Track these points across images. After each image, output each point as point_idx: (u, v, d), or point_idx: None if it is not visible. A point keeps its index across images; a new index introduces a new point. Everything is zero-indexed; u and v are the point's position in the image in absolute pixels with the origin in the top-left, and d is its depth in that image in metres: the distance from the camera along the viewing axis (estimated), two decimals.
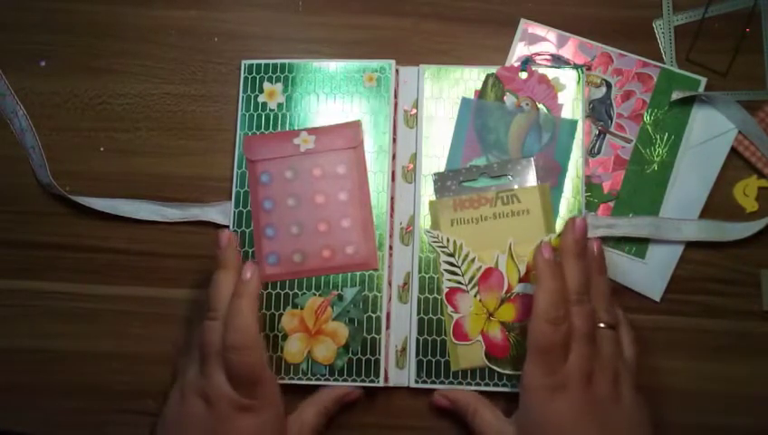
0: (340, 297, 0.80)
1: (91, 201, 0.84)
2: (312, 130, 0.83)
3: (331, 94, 0.84)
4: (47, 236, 0.86)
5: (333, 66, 0.84)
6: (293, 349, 0.79)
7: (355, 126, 0.83)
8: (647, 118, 0.83)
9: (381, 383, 0.78)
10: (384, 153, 0.82)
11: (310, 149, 0.82)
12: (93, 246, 0.85)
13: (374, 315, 0.79)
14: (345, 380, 0.79)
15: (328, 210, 0.81)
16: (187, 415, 0.73)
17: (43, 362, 0.84)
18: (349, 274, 0.80)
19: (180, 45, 0.88)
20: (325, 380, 0.79)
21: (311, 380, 0.79)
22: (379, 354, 0.78)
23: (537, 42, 0.85)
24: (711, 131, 0.83)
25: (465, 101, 0.83)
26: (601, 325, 0.72)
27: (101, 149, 0.86)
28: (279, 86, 0.84)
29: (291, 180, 0.82)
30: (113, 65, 0.88)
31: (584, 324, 0.70)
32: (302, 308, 0.80)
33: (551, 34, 0.85)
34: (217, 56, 0.87)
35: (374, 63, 0.84)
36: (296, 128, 0.83)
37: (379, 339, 0.79)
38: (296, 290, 0.80)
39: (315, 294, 0.80)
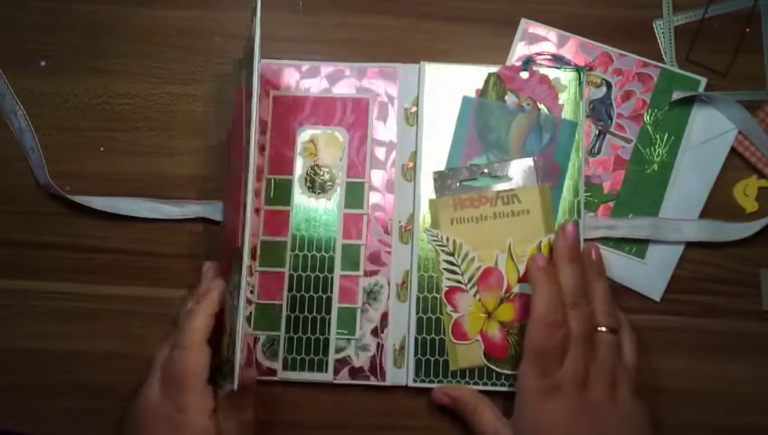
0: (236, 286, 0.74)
1: (90, 200, 0.85)
2: None
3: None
4: (47, 236, 0.86)
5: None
6: (222, 344, 0.75)
7: (240, 91, 0.81)
8: (647, 118, 0.85)
9: (235, 386, 0.69)
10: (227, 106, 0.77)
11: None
12: (93, 246, 0.86)
13: (235, 304, 0.71)
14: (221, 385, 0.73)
15: (231, 192, 0.81)
16: (125, 426, 0.75)
17: (43, 362, 0.84)
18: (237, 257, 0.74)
19: (180, 45, 0.88)
20: (228, 383, 0.71)
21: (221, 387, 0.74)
22: (232, 354, 0.71)
23: (537, 41, 0.87)
24: (711, 131, 0.84)
25: (466, 99, 0.85)
26: (602, 329, 0.73)
27: (101, 149, 0.87)
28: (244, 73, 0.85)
29: (235, 166, 0.81)
30: (113, 65, 0.88)
31: (580, 327, 0.72)
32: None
33: (551, 34, 0.87)
34: (217, 56, 0.88)
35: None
36: None
37: (233, 335, 0.71)
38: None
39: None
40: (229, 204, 0.82)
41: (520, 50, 0.87)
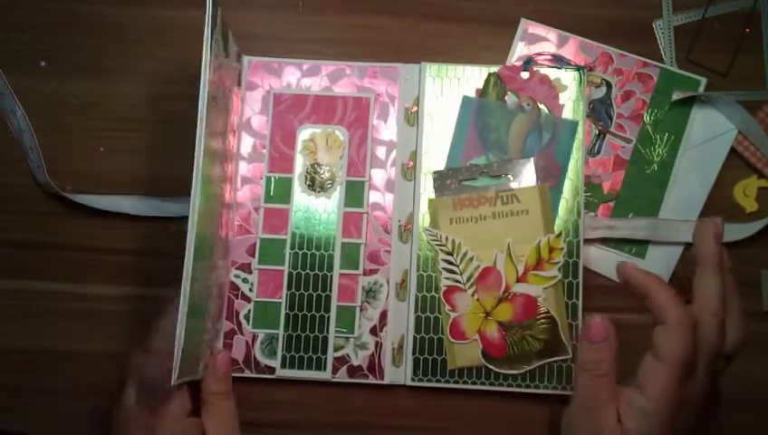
0: None
1: (90, 199, 0.86)
2: None
3: None
4: (47, 236, 0.88)
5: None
6: None
7: None
8: (647, 118, 0.86)
9: (172, 382, 0.68)
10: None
11: None
12: (93, 246, 0.87)
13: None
14: None
15: None
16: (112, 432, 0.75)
17: (43, 362, 0.86)
18: None
19: (180, 45, 0.90)
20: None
21: None
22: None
23: (537, 42, 0.88)
24: (711, 131, 0.86)
25: (466, 99, 0.86)
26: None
27: (101, 149, 0.89)
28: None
29: None
30: (113, 65, 0.90)
31: (717, 343, 0.68)
32: None
33: (551, 34, 0.88)
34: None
35: None
36: None
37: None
38: None
39: None
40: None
41: (520, 50, 0.89)
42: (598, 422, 0.68)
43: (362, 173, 0.86)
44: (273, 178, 0.86)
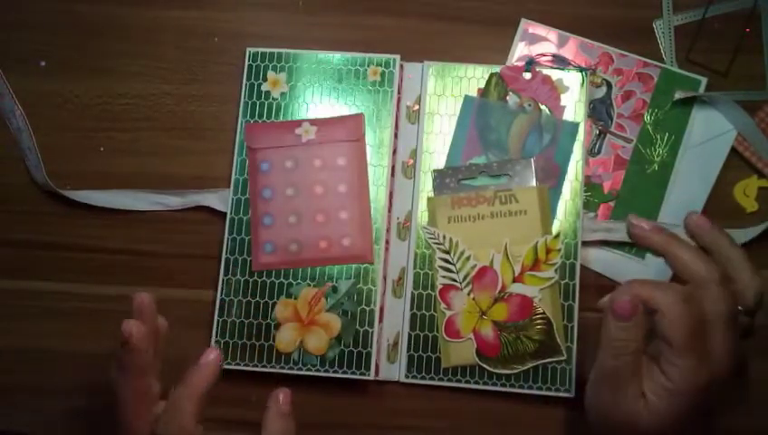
0: (335, 289, 0.86)
1: (89, 195, 0.89)
2: (314, 121, 0.89)
3: (335, 86, 0.90)
4: (46, 236, 0.91)
5: (338, 58, 0.90)
6: (285, 338, 0.85)
7: (357, 119, 0.89)
8: (647, 118, 0.89)
9: (372, 376, 0.84)
10: (384, 148, 0.88)
11: (311, 139, 0.89)
12: (93, 246, 0.90)
13: (367, 308, 0.85)
14: (336, 371, 0.84)
15: (326, 201, 0.88)
16: None
17: (43, 362, 0.89)
18: (344, 266, 0.86)
19: (180, 45, 0.93)
20: (316, 370, 0.84)
21: (301, 369, 0.84)
22: (371, 347, 0.84)
23: (538, 42, 0.91)
24: (711, 132, 0.89)
25: (467, 99, 0.89)
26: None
27: (101, 149, 0.92)
28: (283, 76, 0.90)
29: (291, 170, 0.88)
30: (113, 65, 0.93)
31: (724, 305, 0.70)
32: (295, 298, 0.86)
33: (551, 34, 0.91)
34: (217, 56, 0.93)
35: (379, 57, 0.90)
36: (298, 118, 0.90)
37: (372, 332, 0.84)
38: (291, 280, 0.87)
39: (309, 285, 0.86)
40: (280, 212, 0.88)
41: (520, 50, 0.91)
42: (621, 397, 0.70)
43: None
44: None
